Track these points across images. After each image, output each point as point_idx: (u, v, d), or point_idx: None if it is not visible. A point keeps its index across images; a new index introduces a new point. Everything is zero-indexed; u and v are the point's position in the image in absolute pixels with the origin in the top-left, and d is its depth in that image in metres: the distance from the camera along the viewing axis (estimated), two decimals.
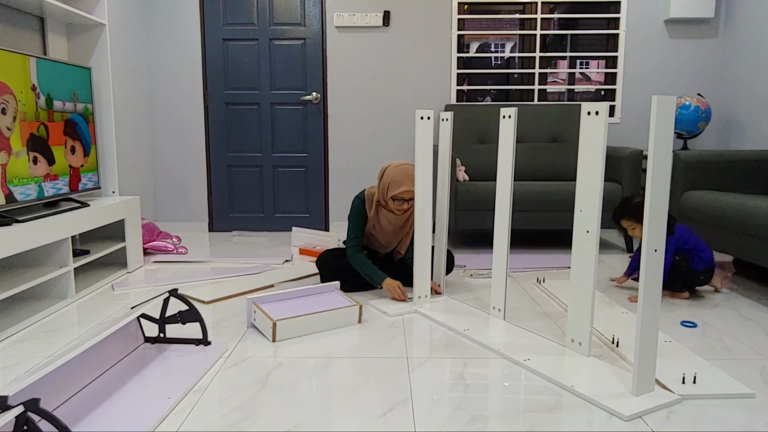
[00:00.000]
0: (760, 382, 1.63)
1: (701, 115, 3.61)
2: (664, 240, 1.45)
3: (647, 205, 1.42)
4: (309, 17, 3.86)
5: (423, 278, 2.30)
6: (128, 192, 3.58)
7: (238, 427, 1.38)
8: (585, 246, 1.71)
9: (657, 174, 1.41)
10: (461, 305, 2.29)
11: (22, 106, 2.23)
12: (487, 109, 3.72)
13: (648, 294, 1.45)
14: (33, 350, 1.87)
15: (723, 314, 2.21)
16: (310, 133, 3.97)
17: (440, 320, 2.11)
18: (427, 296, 2.32)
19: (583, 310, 1.73)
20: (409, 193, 2.37)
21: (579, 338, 1.77)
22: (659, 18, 3.83)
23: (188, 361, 1.75)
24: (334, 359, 1.78)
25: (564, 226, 3.22)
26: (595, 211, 1.67)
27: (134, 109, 3.70)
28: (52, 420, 1.15)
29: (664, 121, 1.40)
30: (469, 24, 3.99)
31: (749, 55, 3.60)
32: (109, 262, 2.90)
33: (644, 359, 1.49)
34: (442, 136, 2.36)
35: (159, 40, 3.87)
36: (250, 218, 4.07)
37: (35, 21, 2.74)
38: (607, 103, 1.62)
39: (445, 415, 1.43)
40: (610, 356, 1.79)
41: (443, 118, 2.29)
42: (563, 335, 1.98)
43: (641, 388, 1.50)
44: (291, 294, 2.20)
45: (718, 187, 2.93)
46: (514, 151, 1.99)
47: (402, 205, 2.41)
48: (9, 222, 2.06)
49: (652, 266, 1.45)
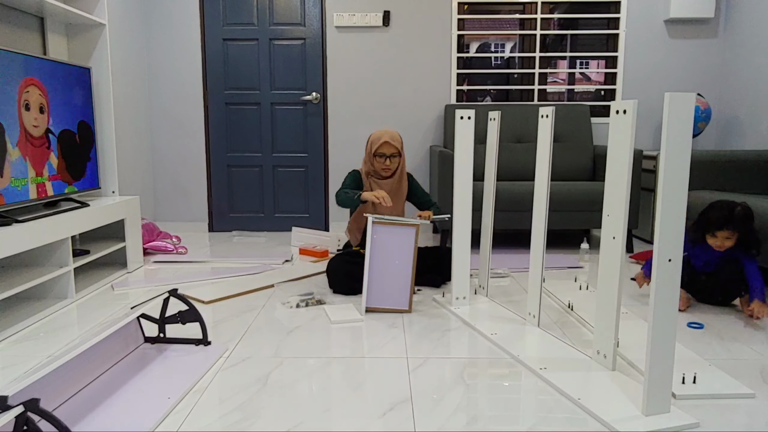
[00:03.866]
0: (760, 382, 1.63)
1: (701, 115, 3.61)
2: (680, 249, 1.35)
3: (659, 211, 1.33)
4: (309, 17, 3.86)
5: (462, 279, 2.26)
6: (128, 192, 3.58)
7: (238, 427, 1.38)
8: (611, 253, 1.60)
9: (671, 179, 1.31)
10: (501, 310, 2.24)
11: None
12: (487, 110, 3.72)
13: (662, 306, 1.36)
14: (33, 350, 1.87)
15: (723, 315, 2.21)
16: (310, 133, 3.97)
17: (471, 323, 2.08)
18: (466, 298, 2.28)
19: (608, 321, 1.64)
20: (390, 147, 2.43)
21: (604, 350, 1.68)
22: (659, 18, 3.83)
23: (188, 361, 1.75)
24: (334, 359, 1.78)
25: (564, 226, 3.22)
26: (623, 215, 1.57)
27: (134, 109, 3.70)
28: (52, 420, 1.15)
29: (679, 121, 1.30)
30: (469, 24, 3.99)
31: (749, 55, 3.60)
32: (109, 262, 2.90)
33: (656, 376, 1.39)
34: (489, 135, 2.32)
35: (159, 40, 3.87)
36: (250, 218, 4.07)
37: (35, 21, 2.74)
38: (635, 101, 1.52)
39: (445, 415, 1.43)
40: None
41: (491, 117, 2.26)
42: (567, 337, 1.98)
43: (653, 408, 1.40)
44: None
45: (718, 187, 2.93)
46: (550, 153, 1.99)
47: (385, 162, 2.44)
48: (9, 222, 2.06)
49: (667, 276, 1.35)
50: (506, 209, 3.20)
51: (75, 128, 2.64)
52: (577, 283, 2.63)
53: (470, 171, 2.19)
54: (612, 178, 1.60)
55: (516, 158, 3.66)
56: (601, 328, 1.68)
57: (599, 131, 3.93)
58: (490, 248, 2.37)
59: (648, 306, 1.37)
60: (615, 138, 1.58)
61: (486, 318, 2.13)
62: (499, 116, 2.22)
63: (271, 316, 2.20)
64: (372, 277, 2.26)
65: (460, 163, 2.19)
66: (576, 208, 3.21)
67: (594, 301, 2.32)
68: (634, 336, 1.93)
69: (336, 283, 2.47)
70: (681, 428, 1.37)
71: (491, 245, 2.37)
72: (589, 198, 3.19)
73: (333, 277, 2.49)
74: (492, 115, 2.24)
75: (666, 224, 1.34)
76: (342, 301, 2.37)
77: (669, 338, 1.38)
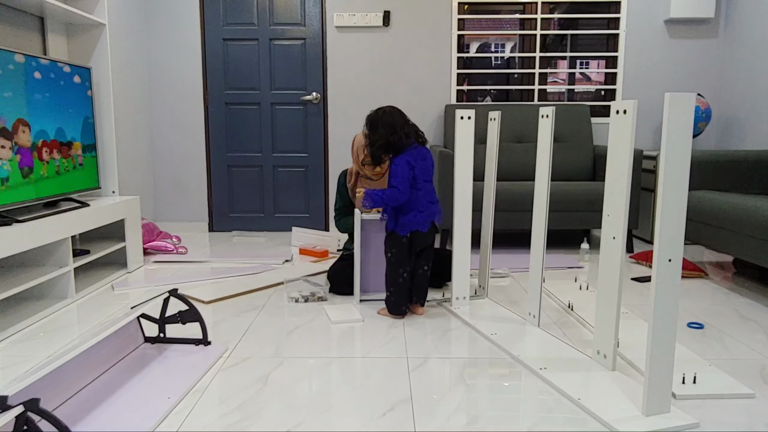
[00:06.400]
0: (760, 382, 1.63)
1: (701, 115, 3.61)
2: (680, 249, 1.35)
3: (659, 211, 1.33)
4: (309, 17, 3.86)
5: (462, 279, 2.26)
6: (128, 192, 3.58)
7: (238, 427, 1.38)
8: (611, 253, 1.61)
9: (671, 179, 1.31)
10: (501, 310, 2.24)
11: None
12: (487, 110, 3.72)
13: (662, 305, 1.36)
14: (33, 350, 1.87)
15: (723, 314, 2.21)
16: (310, 133, 3.97)
17: (471, 323, 2.08)
18: (466, 298, 2.28)
19: (608, 321, 1.64)
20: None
21: (604, 350, 1.68)
22: (659, 18, 3.83)
23: (188, 361, 1.75)
24: (334, 359, 1.78)
25: (564, 226, 3.22)
26: (623, 215, 1.57)
27: (134, 109, 3.70)
28: (52, 420, 1.15)
29: (679, 121, 1.30)
30: (469, 24, 3.99)
31: (749, 55, 3.60)
32: (109, 262, 2.90)
33: (656, 376, 1.39)
34: (489, 135, 2.32)
35: (159, 40, 3.87)
36: (250, 218, 4.07)
37: (35, 21, 2.74)
38: (635, 101, 1.52)
39: (445, 415, 1.43)
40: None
41: (491, 117, 2.27)
42: (567, 337, 1.98)
43: (653, 408, 1.40)
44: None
45: (718, 187, 2.93)
46: (550, 153, 1.99)
47: (375, 169, 2.45)
48: (9, 222, 2.06)
49: (667, 276, 1.35)
50: (506, 209, 3.20)
51: (75, 128, 2.64)
52: (577, 283, 2.63)
53: (470, 171, 2.19)
54: (612, 178, 1.60)
55: (516, 158, 3.66)
56: (601, 328, 1.68)
57: (599, 131, 3.93)
58: (490, 248, 2.37)
59: (648, 306, 1.37)
60: (615, 138, 1.58)
61: (486, 318, 2.13)
62: (499, 116, 2.23)
63: (272, 315, 2.20)
64: (363, 270, 2.29)
65: (460, 163, 2.19)
66: (576, 208, 3.21)
67: (594, 301, 2.32)
68: (634, 336, 1.93)
69: (339, 289, 2.47)
70: (681, 428, 1.37)
71: (491, 245, 2.37)
72: (589, 198, 3.19)
73: (336, 283, 2.49)
74: (492, 115, 2.25)
75: (666, 224, 1.33)
76: (342, 301, 2.37)
77: (669, 338, 1.38)
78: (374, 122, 2.13)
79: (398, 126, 2.12)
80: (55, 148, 2.47)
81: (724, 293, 2.49)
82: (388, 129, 2.11)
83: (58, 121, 2.50)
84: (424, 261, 2.20)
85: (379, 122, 2.12)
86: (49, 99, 2.43)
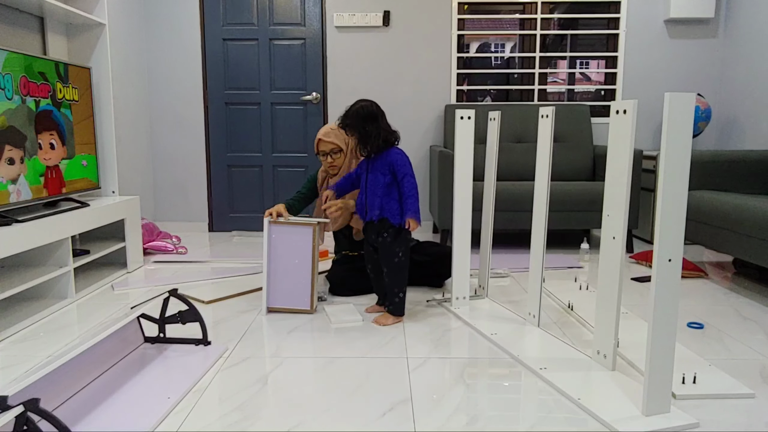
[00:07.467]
0: (760, 382, 1.63)
1: (701, 115, 3.61)
2: (680, 249, 1.34)
3: (659, 211, 1.32)
4: (309, 17, 3.86)
5: (462, 279, 2.25)
6: (128, 192, 3.58)
7: (238, 427, 1.38)
8: (611, 253, 1.60)
9: (671, 179, 1.31)
10: (501, 310, 2.23)
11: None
12: (487, 110, 3.72)
13: (662, 305, 1.35)
14: (33, 350, 1.87)
15: (723, 314, 2.21)
16: (310, 133, 3.97)
17: (471, 323, 2.07)
18: (466, 298, 2.27)
19: (608, 321, 1.63)
20: (325, 144, 2.39)
21: (604, 350, 1.68)
22: (659, 18, 3.83)
23: (188, 361, 1.75)
24: (334, 359, 1.78)
25: (564, 226, 3.22)
26: (623, 215, 1.57)
27: (134, 109, 3.70)
28: (52, 420, 1.15)
29: (679, 121, 1.30)
30: (469, 24, 3.99)
31: (749, 55, 3.60)
32: (109, 262, 2.90)
33: (656, 376, 1.38)
34: (489, 135, 2.32)
35: (159, 40, 3.87)
36: (250, 218, 4.06)
37: (35, 21, 2.74)
38: (635, 101, 1.51)
39: (445, 415, 1.43)
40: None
41: (491, 117, 2.26)
42: (567, 337, 1.98)
43: (653, 408, 1.39)
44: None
45: (718, 187, 2.93)
46: (550, 153, 1.99)
47: (327, 159, 2.42)
48: (9, 222, 2.06)
49: (667, 276, 1.35)
50: (506, 209, 3.20)
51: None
52: (577, 283, 2.63)
53: (470, 171, 2.19)
54: (612, 178, 1.60)
55: (516, 158, 3.66)
56: (601, 328, 1.68)
57: (599, 131, 3.93)
58: (490, 248, 2.37)
59: (648, 306, 1.37)
60: (615, 138, 1.58)
61: (486, 318, 2.13)
62: (499, 116, 2.23)
63: (272, 315, 2.20)
64: (272, 277, 2.24)
65: (460, 163, 2.19)
66: (576, 208, 3.21)
67: (594, 301, 2.32)
68: (634, 336, 1.93)
69: (338, 290, 2.48)
70: (681, 428, 1.36)
71: (491, 245, 2.37)
72: (589, 198, 3.19)
73: (334, 284, 2.49)
74: (492, 115, 2.25)
75: (666, 224, 1.33)
76: (342, 301, 2.37)
77: (669, 338, 1.38)
78: (374, 115, 2.10)
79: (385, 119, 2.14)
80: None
81: (723, 293, 2.49)
82: (384, 122, 2.11)
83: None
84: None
85: (378, 115, 2.11)
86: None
